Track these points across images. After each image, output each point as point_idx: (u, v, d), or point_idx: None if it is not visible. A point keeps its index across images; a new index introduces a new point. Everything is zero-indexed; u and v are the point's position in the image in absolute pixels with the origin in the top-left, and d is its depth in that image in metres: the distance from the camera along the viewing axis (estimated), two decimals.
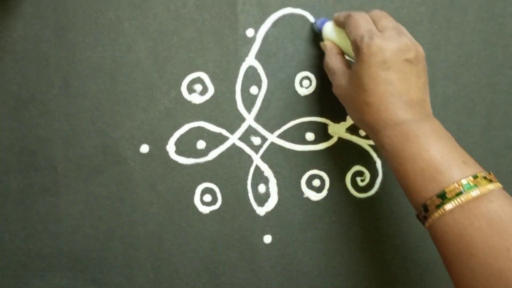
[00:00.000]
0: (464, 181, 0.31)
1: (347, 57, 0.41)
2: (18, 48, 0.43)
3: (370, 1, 0.44)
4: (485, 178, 0.31)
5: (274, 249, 0.44)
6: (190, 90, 0.44)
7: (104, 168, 0.44)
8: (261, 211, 0.44)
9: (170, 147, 0.44)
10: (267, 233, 0.44)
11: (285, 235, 0.44)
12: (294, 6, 0.43)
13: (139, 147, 0.44)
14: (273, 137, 0.44)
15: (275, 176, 0.44)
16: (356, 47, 0.35)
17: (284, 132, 0.44)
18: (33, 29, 0.43)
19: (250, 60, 0.44)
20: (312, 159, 0.44)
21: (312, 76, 0.44)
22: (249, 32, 0.44)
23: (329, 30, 0.41)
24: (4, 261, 0.44)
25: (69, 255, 0.44)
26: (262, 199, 0.44)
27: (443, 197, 0.31)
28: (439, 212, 0.31)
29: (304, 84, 0.44)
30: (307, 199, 0.45)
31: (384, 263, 0.45)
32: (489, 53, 0.45)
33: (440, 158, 0.32)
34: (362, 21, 0.37)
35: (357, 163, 0.45)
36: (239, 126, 0.44)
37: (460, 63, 0.44)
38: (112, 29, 0.43)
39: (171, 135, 0.44)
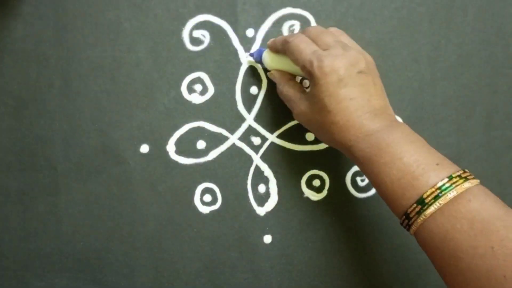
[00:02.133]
0: (439, 184, 0.30)
1: (298, 78, 0.41)
2: (18, 48, 0.43)
3: (370, 1, 0.44)
4: (460, 177, 0.31)
5: (274, 249, 0.44)
6: (190, 90, 0.44)
7: (104, 168, 0.44)
8: (261, 211, 0.44)
9: (170, 147, 0.44)
10: (267, 233, 0.44)
11: (285, 235, 0.44)
12: (294, 6, 0.43)
13: (139, 147, 0.44)
14: (273, 137, 0.44)
15: (275, 176, 0.44)
16: (308, 72, 0.35)
17: (284, 132, 0.44)
18: (33, 29, 0.43)
19: (250, 60, 0.44)
20: (312, 159, 0.44)
21: None
22: (249, 32, 0.44)
23: (270, 58, 0.41)
24: (4, 261, 0.44)
25: (69, 255, 0.44)
26: (262, 199, 0.44)
27: (422, 203, 0.31)
28: (421, 218, 0.31)
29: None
30: (307, 199, 0.45)
31: (384, 263, 0.44)
32: (489, 53, 0.45)
33: (414, 164, 0.32)
34: (303, 45, 0.36)
35: None
36: (239, 126, 0.44)
37: (460, 63, 0.44)
38: (112, 29, 0.43)
39: (171, 135, 0.44)
